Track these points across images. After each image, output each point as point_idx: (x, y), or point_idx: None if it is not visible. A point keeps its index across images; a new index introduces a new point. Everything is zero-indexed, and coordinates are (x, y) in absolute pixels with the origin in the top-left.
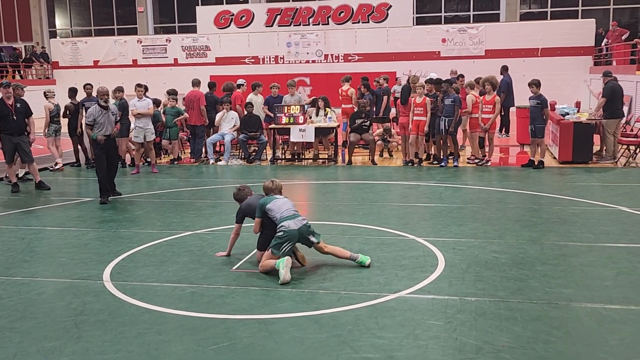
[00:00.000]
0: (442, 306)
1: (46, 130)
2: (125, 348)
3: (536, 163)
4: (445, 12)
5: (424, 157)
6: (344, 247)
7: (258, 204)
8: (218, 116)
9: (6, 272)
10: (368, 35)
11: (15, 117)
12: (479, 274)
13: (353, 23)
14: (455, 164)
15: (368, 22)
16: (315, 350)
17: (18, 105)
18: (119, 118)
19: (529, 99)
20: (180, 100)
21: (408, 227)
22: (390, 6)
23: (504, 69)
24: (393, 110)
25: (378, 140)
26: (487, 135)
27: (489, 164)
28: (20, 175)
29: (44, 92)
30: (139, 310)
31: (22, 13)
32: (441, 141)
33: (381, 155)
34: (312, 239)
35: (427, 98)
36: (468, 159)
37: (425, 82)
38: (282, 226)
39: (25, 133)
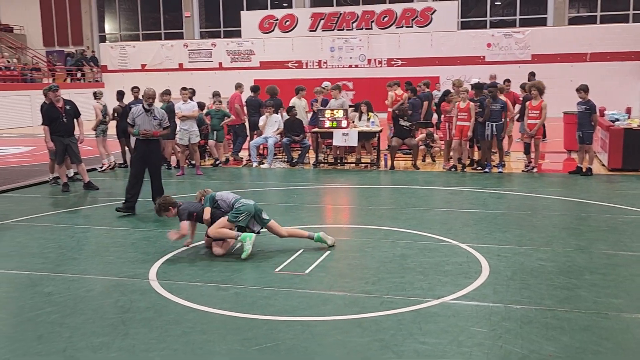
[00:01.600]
0: (487, 313)
1: (96, 128)
2: (171, 346)
3: (584, 170)
4: (490, 16)
5: (468, 162)
6: (386, 251)
7: (207, 197)
8: (262, 119)
9: (57, 269)
10: (412, 39)
11: (65, 119)
12: (524, 282)
13: (397, 28)
14: (500, 170)
15: (412, 26)
16: (358, 353)
17: (68, 107)
18: (165, 124)
19: (577, 104)
20: (224, 103)
21: (451, 233)
22: (435, 10)
23: (532, 75)
24: (435, 116)
25: (421, 145)
26: (533, 141)
27: (535, 170)
28: (70, 175)
29: (94, 93)
30: (184, 310)
31: (73, 18)
32: (486, 147)
33: (424, 160)
34: (264, 215)
35: (471, 103)
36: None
37: (472, 87)
38: (238, 202)
39: (74, 134)
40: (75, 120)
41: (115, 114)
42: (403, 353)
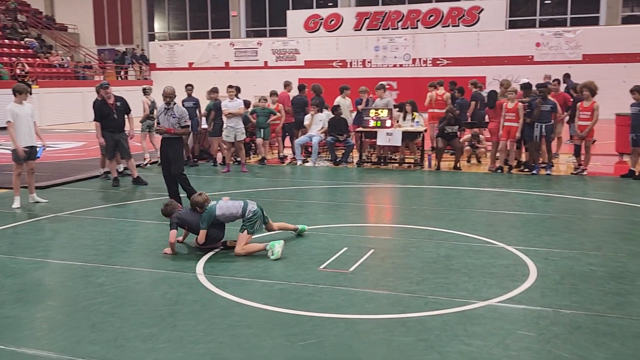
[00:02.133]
0: (534, 317)
1: (143, 121)
2: (217, 339)
3: (637, 173)
4: (540, 15)
5: (514, 164)
6: (431, 251)
7: (205, 216)
8: (307, 118)
9: (108, 261)
10: (458, 39)
11: (115, 116)
12: (574, 286)
13: (443, 27)
14: (548, 172)
15: (458, 25)
16: (402, 353)
17: (118, 104)
18: (184, 123)
19: (631, 105)
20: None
21: (497, 235)
22: (482, 9)
23: (567, 76)
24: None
25: (466, 146)
26: (583, 143)
27: (585, 173)
28: (120, 170)
29: (143, 89)
30: (229, 304)
31: (124, 17)
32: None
33: (468, 161)
34: (265, 215)
35: (520, 103)
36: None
37: (521, 87)
38: (248, 212)
39: (125, 130)
40: (125, 116)
41: None
42: (448, 354)
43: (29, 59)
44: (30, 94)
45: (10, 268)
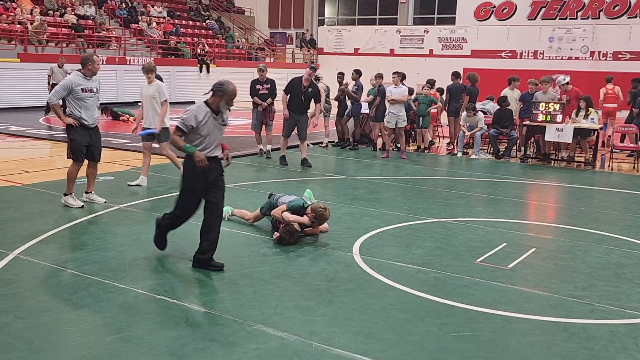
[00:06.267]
0: None
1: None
2: (371, 319)
3: None
4: None
5: None
6: (599, 257)
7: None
8: (463, 118)
9: (269, 234)
10: None
11: (303, 98)
12: None
13: (629, 18)
14: None
15: None
16: (563, 359)
17: (310, 89)
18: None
19: None
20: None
21: None
22: None
23: None
24: None
25: None
26: None
27: None
28: (264, 150)
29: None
30: (384, 286)
31: (297, 2)
32: None
33: None
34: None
35: None
36: None
37: None
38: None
39: (307, 113)
40: (312, 102)
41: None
42: None
43: (209, 39)
44: (208, 72)
45: (185, 232)
